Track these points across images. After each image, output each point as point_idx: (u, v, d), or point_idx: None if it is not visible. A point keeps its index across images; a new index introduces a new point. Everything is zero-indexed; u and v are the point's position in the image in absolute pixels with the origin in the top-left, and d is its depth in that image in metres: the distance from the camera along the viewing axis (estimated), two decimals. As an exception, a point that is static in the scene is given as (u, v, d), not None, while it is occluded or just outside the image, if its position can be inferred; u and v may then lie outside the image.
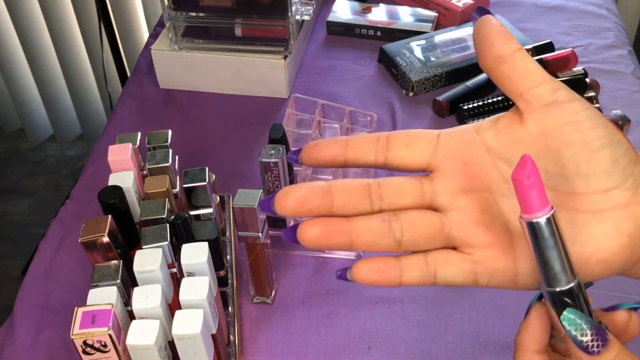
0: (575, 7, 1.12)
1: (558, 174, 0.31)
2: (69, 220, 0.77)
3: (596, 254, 0.30)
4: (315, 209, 0.30)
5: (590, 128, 0.30)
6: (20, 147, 1.96)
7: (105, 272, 0.53)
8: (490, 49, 0.31)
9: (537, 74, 0.31)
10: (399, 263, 0.31)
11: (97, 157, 0.86)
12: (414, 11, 1.07)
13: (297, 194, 0.30)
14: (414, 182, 0.32)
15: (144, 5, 1.67)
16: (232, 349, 0.61)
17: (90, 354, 0.48)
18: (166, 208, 0.58)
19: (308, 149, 0.33)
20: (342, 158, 0.32)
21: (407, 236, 0.31)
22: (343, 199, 0.31)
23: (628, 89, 0.94)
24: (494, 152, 0.32)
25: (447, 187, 0.32)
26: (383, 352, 0.63)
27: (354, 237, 0.31)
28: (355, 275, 0.31)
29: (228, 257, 0.69)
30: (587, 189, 0.30)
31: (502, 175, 0.32)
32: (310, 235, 0.30)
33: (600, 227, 0.30)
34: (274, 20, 0.89)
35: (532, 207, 0.28)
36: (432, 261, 0.32)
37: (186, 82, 0.95)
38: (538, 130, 0.31)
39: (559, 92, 0.30)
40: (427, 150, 0.32)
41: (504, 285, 0.32)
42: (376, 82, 0.97)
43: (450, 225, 0.32)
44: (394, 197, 0.32)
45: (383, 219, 0.31)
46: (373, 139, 0.33)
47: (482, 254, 0.31)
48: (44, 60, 1.76)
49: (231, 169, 0.81)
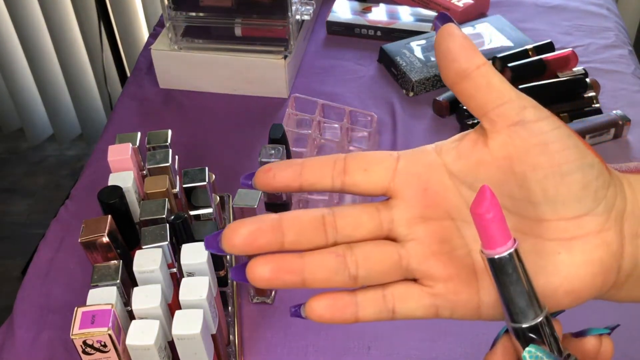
0: (576, 6, 1.12)
1: (524, 199, 0.29)
2: (68, 220, 0.77)
3: (565, 285, 0.28)
4: (265, 246, 0.29)
5: (559, 150, 0.28)
6: (20, 147, 1.96)
7: (105, 272, 0.53)
8: (452, 64, 0.29)
9: (503, 91, 0.28)
10: (355, 299, 0.30)
11: (97, 157, 0.86)
12: (414, 11, 1.07)
13: (246, 230, 0.28)
14: (370, 211, 0.30)
15: (143, 5, 1.67)
16: (232, 349, 0.61)
17: (90, 354, 0.48)
18: (166, 208, 0.58)
19: (260, 174, 0.31)
20: (297, 183, 0.30)
21: (362, 271, 0.29)
22: (295, 234, 0.29)
23: (628, 88, 0.93)
24: (456, 176, 0.30)
25: (405, 216, 0.30)
26: (383, 352, 0.63)
27: (307, 274, 0.29)
28: (309, 313, 0.29)
29: (228, 257, 0.69)
30: (555, 216, 0.28)
31: (465, 201, 0.30)
32: (260, 275, 0.28)
33: (569, 256, 0.28)
34: (274, 20, 0.89)
35: (493, 242, 0.26)
36: (390, 296, 0.30)
37: (186, 82, 0.95)
38: (503, 152, 0.29)
39: (526, 111, 0.28)
40: (385, 175, 0.30)
41: (467, 317, 0.30)
42: (376, 82, 0.97)
43: (409, 257, 0.30)
44: (349, 228, 0.30)
45: (337, 254, 0.29)
46: (329, 162, 0.31)
47: (442, 287, 0.30)
48: (44, 60, 1.76)
49: (231, 169, 0.81)
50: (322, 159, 0.31)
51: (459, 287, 0.30)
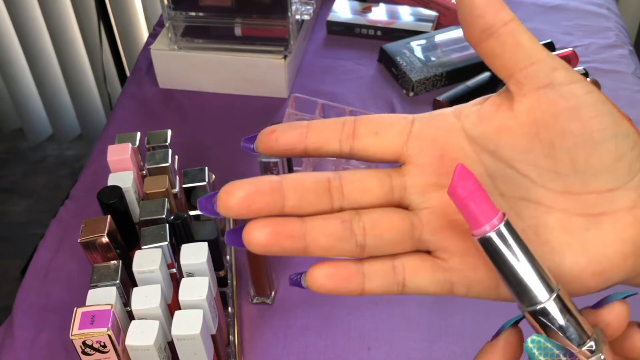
0: (576, 6, 1.11)
1: (550, 169, 0.26)
2: (68, 220, 0.77)
3: (592, 266, 0.26)
4: (264, 209, 0.26)
5: (592, 116, 0.25)
6: (19, 147, 1.96)
7: (104, 273, 0.53)
8: (476, 20, 0.26)
9: (532, 50, 0.26)
10: (362, 268, 0.27)
11: (96, 157, 0.86)
12: (414, 11, 1.06)
13: (243, 192, 0.26)
14: (380, 176, 0.28)
15: (143, 4, 1.66)
16: (231, 349, 0.61)
17: (89, 354, 0.48)
18: (166, 208, 0.58)
19: (263, 136, 0.28)
20: (302, 146, 0.28)
21: (370, 240, 0.27)
22: (297, 197, 0.26)
23: (629, 88, 0.93)
24: (476, 142, 0.27)
25: (418, 183, 0.27)
26: (383, 353, 0.63)
27: (309, 240, 0.26)
28: (310, 282, 0.27)
29: (228, 257, 0.69)
30: (584, 189, 0.26)
31: (485, 170, 0.27)
32: (257, 239, 0.26)
33: (598, 233, 0.26)
34: (274, 19, 0.89)
35: (478, 222, 0.24)
36: (401, 267, 0.27)
37: (186, 81, 0.95)
38: (529, 117, 0.26)
39: (557, 72, 0.26)
40: (398, 139, 0.28)
41: (483, 296, 0.28)
42: (376, 81, 0.96)
43: (422, 226, 0.27)
44: (357, 193, 0.27)
45: (343, 219, 0.27)
46: (338, 124, 0.28)
47: (458, 262, 0.27)
48: (44, 60, 1.76)
49: (231, 169, 0.81)
50: (330, 121, 0.28)
51: (476, 263, 0.27)
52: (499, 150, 0.27)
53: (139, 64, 1.02)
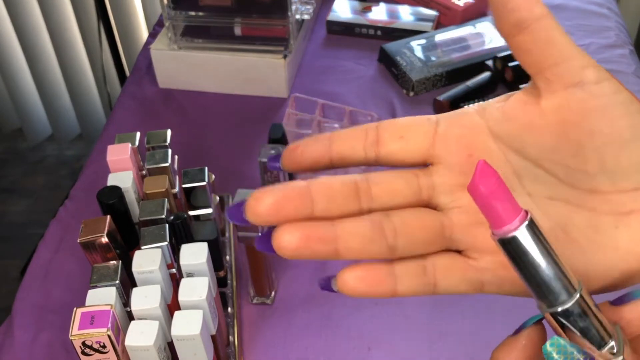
0: (577, 6, 1.11)
1: (579, 168, 0.26)
2: (67, 220, 0.77)
3: (621, 264, 0.26)
4: (293, 214, 0.26)
5: (622, 115, 0.25)
6: (19, 147, 1.95)
7: (104, 273, 0.53)
8: (510, 13, 0.26)
9: (564, 48, 0.26)
10: (393, 270, 0.27)
11: (96, 157, 0.86)
12: (414, 10, 1.06)
13: (271, 198, 0.26)
14: (408, 177, 0.28)
15: (143, 4, 1.66)
16: (231, 349, 0.61)
17: (89, 354, 0.48)
18: (165, 208, 0.58)
19: (288, 152, 0.28)
20: (327, 158, 0.28)
21: (401, 241, 0.26)
22: (325, 201, 0.26)
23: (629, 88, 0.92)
24: (502, 140, 0.27)
25: (447, 182, 0.28)
26: (383, 353, 0.63)
27: (340, 243, 0.26)
28: (341, 286, 0.27)
29: (227, 257, 0.69)
30: (612, 188, 0.26)
31: (512, 168, 0.27)
32: (287, 243, 0.26)
33: (627, 232, 0.26)
34: (274, 19, 0.89)
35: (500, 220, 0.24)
36: (432, 268, 0.27)
37: (185, 81, 0.95)
38: (557, 116, 0.26)
39: (587, 71, 0.25)
40: (424, 141, 0.28)
41: (514, 294, 0.28)
42: (376, 81, 0.96)
43: (452, 226, 0.27)
44: (385, 195, 0.27)
45: (373, 221, 0.26)
46: (361, 132, 0.28)
47: (489, 261, 0.27)
48: (43, 60, 1.76)
49: (231, 169, 0.81)
50: (352, 130, 0.28)
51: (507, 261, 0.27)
52: (525, 149, 0.27)
53: (138, 63, 1.02)
